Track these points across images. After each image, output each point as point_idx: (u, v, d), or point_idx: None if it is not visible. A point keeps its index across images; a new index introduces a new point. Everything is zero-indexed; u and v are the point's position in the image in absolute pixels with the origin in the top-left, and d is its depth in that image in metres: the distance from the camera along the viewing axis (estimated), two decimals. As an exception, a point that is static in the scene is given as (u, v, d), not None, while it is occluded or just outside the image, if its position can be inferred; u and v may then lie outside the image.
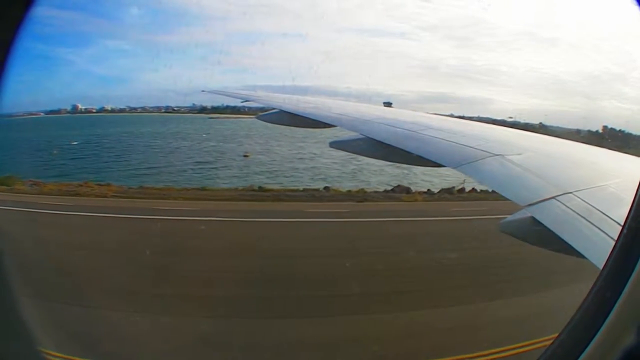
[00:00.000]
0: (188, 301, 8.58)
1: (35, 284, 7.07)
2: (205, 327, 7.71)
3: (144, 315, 7.99)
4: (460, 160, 6.54)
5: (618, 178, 4.93)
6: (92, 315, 7.75)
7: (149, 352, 6.98)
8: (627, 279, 1.73)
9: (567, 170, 6.21)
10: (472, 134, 8.05)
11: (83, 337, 7.04)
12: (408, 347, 7.45)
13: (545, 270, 8.13)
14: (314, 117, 10.54)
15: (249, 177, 23.16)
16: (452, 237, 12.51)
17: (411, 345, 7.55)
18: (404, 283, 9.35)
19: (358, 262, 10.27)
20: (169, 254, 10.38)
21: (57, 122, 35.32)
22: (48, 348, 4.53)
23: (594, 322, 1.77)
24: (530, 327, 7.27)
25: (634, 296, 1.70)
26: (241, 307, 8.57)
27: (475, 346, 7.19)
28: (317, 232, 13.08)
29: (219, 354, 7.13)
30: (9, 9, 1.91)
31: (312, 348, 7.43)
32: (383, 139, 8.22)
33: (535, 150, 7.19)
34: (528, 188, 5.25)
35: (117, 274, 9.49)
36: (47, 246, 10.13)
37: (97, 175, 20.81)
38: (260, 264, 10.17)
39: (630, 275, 1.72)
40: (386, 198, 18.27)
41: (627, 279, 1.73)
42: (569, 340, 1.89)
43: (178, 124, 40.24)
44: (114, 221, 13.84)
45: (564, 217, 4.24)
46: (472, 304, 8.72)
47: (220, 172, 24.74)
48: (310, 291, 9.16)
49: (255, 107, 28.43)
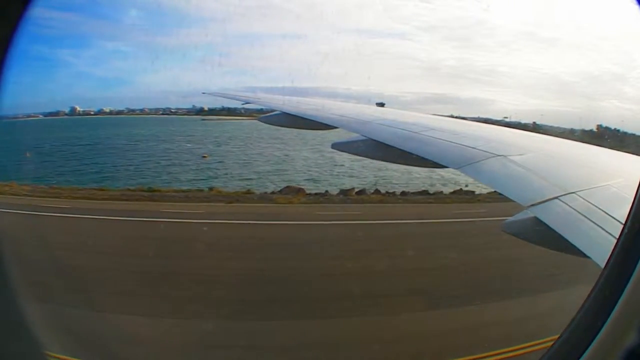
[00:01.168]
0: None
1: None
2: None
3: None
4: (462, 161, 6.52)
5: (620, 178, 4.91)
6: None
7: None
8: (629, 278, 1.72)
9: (569, 170, 6.19)
10: (473, 135, 8.04)
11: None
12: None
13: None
14: (315, 119, 10.55)
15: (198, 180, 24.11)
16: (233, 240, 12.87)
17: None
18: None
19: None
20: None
21: (54, 124, 35.64)
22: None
23: (595, 321, 1.76)
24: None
25: (636, 296, 1.69)
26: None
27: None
28: (124, 231, 13.57)
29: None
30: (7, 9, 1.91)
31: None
32: (385, 140, 8.21)
33: (537, 151, 7.16)
34: (530, 188, 5.24)
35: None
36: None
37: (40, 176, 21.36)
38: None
39: (631, 274, 1.72)
40: (261, 199, 18.82)
41: (629, 279, 1.72)
42: (571, 340, 1.88)
43: (164, 125, 40.71)
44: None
45: (567, 217, 4.23)
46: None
47: (177, 174, 25.84)
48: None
49: (253, 109, 29.52)
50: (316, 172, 27.25)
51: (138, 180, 22.98)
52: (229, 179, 24.81)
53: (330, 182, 24.51)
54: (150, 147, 33.34)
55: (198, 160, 29.13)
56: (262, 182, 24.19)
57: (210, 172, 26.42)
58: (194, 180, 23.91)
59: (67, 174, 24.15)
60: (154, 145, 34.00)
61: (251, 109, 29.59)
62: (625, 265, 1.76)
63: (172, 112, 43.63)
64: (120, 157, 29.65)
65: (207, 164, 28.54)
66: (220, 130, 40.05)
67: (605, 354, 1.69)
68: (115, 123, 39.64)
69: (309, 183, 24.13)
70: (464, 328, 8.23)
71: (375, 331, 8.24)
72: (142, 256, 11.01)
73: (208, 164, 28.58)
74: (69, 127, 36.33)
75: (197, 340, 7.89)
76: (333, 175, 26.60)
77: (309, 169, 28.42)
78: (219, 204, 17.61)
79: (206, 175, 25.44)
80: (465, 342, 7.67)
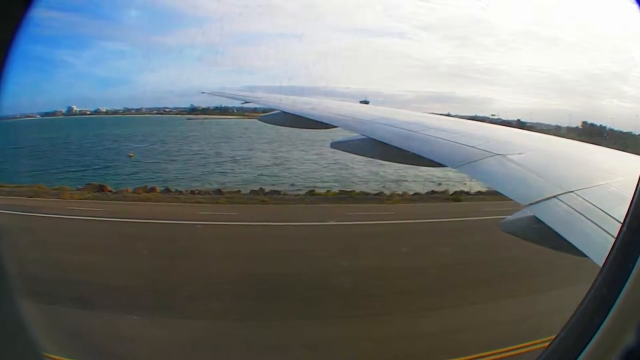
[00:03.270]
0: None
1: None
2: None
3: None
4: (461, 160, 6.52)
5: (619, 176, 4.91)
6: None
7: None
8: (627, 277, 1.71)
9: (568, 169, 6.19)
10: (472, 134, 8.03)
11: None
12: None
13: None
14: (315, 118, 10.54)
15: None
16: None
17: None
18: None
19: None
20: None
21: (49, 124, 35.65)
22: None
23: (592, 321, 1.76)
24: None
25: (633, 295, 1.69)
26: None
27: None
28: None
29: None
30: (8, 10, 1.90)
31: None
32: (383, 139, 8.20)
33: (536, 150, 7.16)
34: (529, 187, 5.24)
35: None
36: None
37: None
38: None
39: (629, 274, 1.71)
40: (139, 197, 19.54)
41: (627, 278, 1.71)
42: (568, 339, 1.88)
43: (152, 125, 41.14)
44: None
45: (566, 216, 4.23)
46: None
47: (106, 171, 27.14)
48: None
49: (246, 107, 30.59)
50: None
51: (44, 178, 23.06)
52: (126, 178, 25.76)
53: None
54: (100, 146, 34.14)
55: (125, 159, 30.65)
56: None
57: (121, 170, 27.76)
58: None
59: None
60: (107, 145, 34.76)
61: (245, 107, 30.95)
62: (624, 263, 1.75)
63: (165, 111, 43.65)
64: (56, 156, 30.07)
65: (133, 162, 30.14)
66: (190, 130, 40.78)
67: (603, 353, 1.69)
68: (106, 123, 39.79)
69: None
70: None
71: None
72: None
73: (133, 162, 30.15)
74: (56, 127, 36.34)
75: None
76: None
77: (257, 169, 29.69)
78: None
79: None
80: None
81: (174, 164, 30.30)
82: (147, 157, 31.59)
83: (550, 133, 16.10)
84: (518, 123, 27.37)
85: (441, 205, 19.78)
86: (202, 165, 30.15)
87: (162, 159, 31.80)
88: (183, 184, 24.04)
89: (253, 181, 24.77)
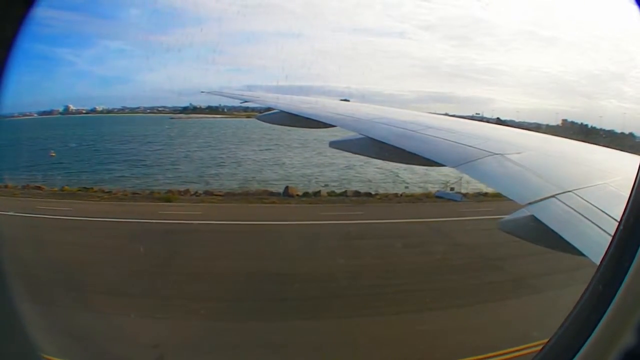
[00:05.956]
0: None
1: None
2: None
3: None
4: (459, 159, 6.53)
5: (617, 176, 4.92)
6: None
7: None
8: (624, 276, 1.72)
9: (566, 168, 6.20)
10: (471, 133, 8.04)
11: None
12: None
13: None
14: (314, 117, 10.53)
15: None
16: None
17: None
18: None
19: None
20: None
21: (44, 123, 35.42)
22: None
23: (590, 320, 1.76)
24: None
25: (631, 294, 1.69)
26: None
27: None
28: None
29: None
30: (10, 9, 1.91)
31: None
32: (382, 139, 8.21)
33: (534, 149, 7.17)
34: (528, 187, 5.24)
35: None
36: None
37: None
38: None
39: (626, 272, 1.71)
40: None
41: (624, 277, 1.72)
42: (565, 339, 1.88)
43: (137, 125, 41.11)
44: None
45: (564, 216, 4.23)
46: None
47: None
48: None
49: (236, 106, 31.13)
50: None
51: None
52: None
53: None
54: (39, 146, 33.80)
55: (46, 158, 30.71)
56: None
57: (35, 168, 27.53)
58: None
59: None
60: (47, 145, 34.48)
61: (235, 107, 31.48)
62: (621, 262, 1.76)
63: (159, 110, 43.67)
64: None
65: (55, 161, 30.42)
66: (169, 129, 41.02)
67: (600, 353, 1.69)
68: (86, 123, 39.69)
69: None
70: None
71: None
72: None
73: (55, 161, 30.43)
74: (44, 127, 36.11)
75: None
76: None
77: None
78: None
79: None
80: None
81: (84, 163, 30.56)
82: (68, 157, 31.90)
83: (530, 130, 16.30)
84: (497, 121, 27.61)
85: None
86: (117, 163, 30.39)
87: (84, 158, 32.01)
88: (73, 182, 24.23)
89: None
